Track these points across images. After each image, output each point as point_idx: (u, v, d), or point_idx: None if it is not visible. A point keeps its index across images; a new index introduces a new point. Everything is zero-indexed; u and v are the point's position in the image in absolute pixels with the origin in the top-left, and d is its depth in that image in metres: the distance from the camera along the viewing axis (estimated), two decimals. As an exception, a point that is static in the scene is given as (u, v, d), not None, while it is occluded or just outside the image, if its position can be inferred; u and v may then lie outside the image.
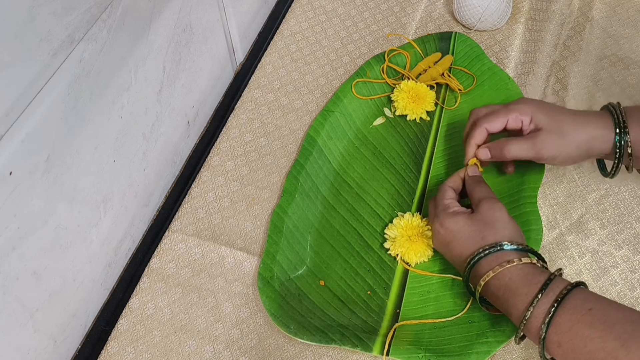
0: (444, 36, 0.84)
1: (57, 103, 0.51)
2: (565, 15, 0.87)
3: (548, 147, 0.62)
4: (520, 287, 0.53)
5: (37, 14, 0.45)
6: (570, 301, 0.50)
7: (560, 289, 0.51)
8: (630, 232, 0.67)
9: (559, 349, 0.50)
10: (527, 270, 0.54)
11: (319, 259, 0.67)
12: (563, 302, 0.50)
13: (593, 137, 0.62)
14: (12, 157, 0.47)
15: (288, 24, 0.88)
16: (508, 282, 0.54)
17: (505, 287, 0.54)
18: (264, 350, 0.61)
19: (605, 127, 0.61)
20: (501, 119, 0.64)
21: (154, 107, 0.67)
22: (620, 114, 0.61)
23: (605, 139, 0.61)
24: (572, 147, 0.62)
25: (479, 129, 0.65)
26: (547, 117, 0.63)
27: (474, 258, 0.56)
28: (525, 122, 0.64)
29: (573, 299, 0.51)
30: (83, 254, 0.60)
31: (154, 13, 0.63)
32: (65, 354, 0.62)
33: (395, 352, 0.59)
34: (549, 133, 0.62)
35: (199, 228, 0.69)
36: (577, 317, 0.49)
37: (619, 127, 0.61)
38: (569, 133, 0.62)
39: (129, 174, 0.66)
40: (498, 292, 0.55)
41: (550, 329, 0.50)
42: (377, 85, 0.80)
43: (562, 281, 0.52)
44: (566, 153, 0.62)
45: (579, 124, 0.62)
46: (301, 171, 0.72)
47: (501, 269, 0.54)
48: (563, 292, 0.51)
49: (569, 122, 0.62)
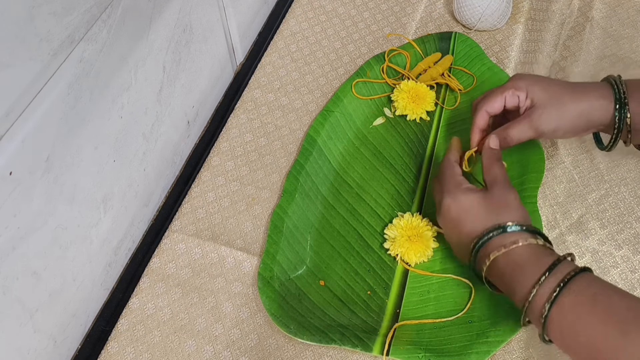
0: (444, 36, 0.84)
1: (57, 103, 0.51)
2: (565, 15, 0.87)
3: (546, 121, 0.62)
4: (529, 266, 0.53)
5: (37, 14, 0.45)
6: (576, 283, 0.50)
7: (567, 271, 0.51)
8: (630, 232, 0.67)
9: (559, 329, 0.50)
10: (538, 250, 0.54)
11: (319, 259, 0.67)
12: (569, 283, 0.50)
13: (592, 108, 0.61)
14: (12, 157, 0.47)
15: (288, 24, 0.88)
16: (517, 259, 0.54)
17: (515, 264, 0.53)
18: (264, 350, 0.61)
19: (604, 97, 0.61)
20: (499, 99, 0.64)
21: (154, 107, 0.67)
22: (621, 86, 0.61)
23: (604, 110, 0.61)
24: (570, 119, 0.61)
25: (479, 113, 0.65)
26: (543, 91, 0.63)
27: (489, 234, 0.55)
28: (522, 98, 0.64)
29: (579, 281, 0.50)
30: (83, 254, 0.60)
31: (154, 13, 0.63)
32: (65, 354, 0.62)
33: (395, 352, 0.59)
34: (545, 107, 0.62)
35: (199, 228, 0.69)
36: (581, 300, 0.49)
37: (619, 99, 0.60)
38: (566, 104, 0.61)
39: (129, 174, 0.66)
40: (506, 269, 0.54)
41: (553, 308, 0.50)
42: (377, 85, 0.80)
43: (570, 264, 0.52)
44: (565, 125, 0.62)
45: (577, 94, 0.62)
46: (301, 171, 0.72)
47: (514, 246, 0.54)
48: (570, 274, 0.50)
49: (566, 93, 0.62)
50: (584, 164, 0.72)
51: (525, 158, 0.70)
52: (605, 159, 0.72)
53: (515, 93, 0.63)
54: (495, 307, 0.61)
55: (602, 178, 0.71)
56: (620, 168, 0.71)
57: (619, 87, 0.61)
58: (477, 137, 0.66)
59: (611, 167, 0.71)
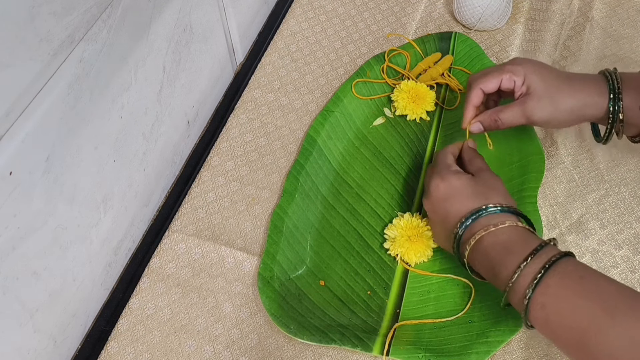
0: (444, 36, 0.84)
1: (57, 103, 0.51)
2: (565, 15, 0.87)
3: (539, 112, 0.62)
4: (514, 247, 0.53)
5: (37, 14, 0.45)
6: (562, 266, 0.50)
7: (553, 254, 0.51)
8: (630, 232, 0.67)
9: (542, 311, 0.49)
10: (524, 233, 0.55)
11: (319, 259, 0.67)
12: (554, 265, 0.50)
13: (586, 104, 0.62)
14: (12, 157, 0.47)
15: (288, 24, 0.88)
16: (503, 239, 0.54)
17: (500, 245, 0.54)
18: (264, 350, 0.61)
19: (599, 94, 0.61)
20: (495, 79, 0.65)
21: (154, 107, 0.67)
22: (616, 80, 0.61)
23: (598, 106, 0.62)
24: (564, 112, 0.62)
25: (474, 90, 0.65)
26: (540, 80, 0.63)
27: (477, 213, 0.56)
28: (518, 84, 0.64)
29: (565, 264, 0.50)
30: (83, 254, 0.60)
31: (154, 13, 0.63)
32: (65, 354, 0.62)
33: (395, 352, 0.59)
34: (540, 98, 0.62)
35: (199, 228, 0.69)
36: (567, 282, 0.49)
37: (613, 93, 0.61)
38: (561, 99, 0.62)
39: (129, 174, 0.66)
40: (490, 250, 0.54)
41: (537, 288, 0.50)
42: (377, 85, 0.80)
43: (554, 248, 0.53)
44: (558, 118, 0.63)
45: (573, 89, 0.62)
46: (301, 171, 0.72)
47: (501, 225, 0.54)
48: (556, 256, 0.51)
49: (562, 87, 0.62)
50: (584, 164, 0.72)
51: (525, 158, 0.70)
52: (606, 159, 0.72)
53: (512, 77, 0.64)
54: (495, 307, 0.61)
55: (602, 178, 0.71)
56: (620, 168, 0.71)
57: (614, 81, 0.61)
58: (471, 114, 0.66)
59: (611, 167, 0.71)
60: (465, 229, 0.57)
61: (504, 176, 0.70)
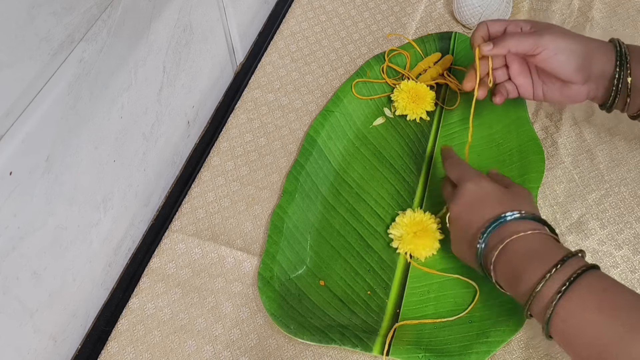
0: (444, 36, 0.84)
1: (57, 103, 0.51)
2: (565, 15, 0.87)
3: (552, 44, 0.62)
4: (541, 255, 0.52)
5: (37, 14, 0.45)
6: (587, 279, 0.50)
7: (579, 266, 0.50)
8: (630, 232, 0.67)
9: (563, 324, 0.49)
10: (550, 242, 0.54)
11: (319, 259, 0.67)
12: (579, 279, 0.49)
13: (596, 56, 0.62)
14: (12, 157, 0.47)
15: (288, 24, 0.88)
16: (531, 247, 0.53)
17: (526, 252, 0.53)
18: (264, 350, 0.61)
19: (608, 53, 0.62)
20: (502, 22, 0.66)
21: (154, 107, 0.67)
22: (624, 47, 0.63)
23: (607, 61, 0.62)
24: (574, 52, 0.62)
25: (481, 25, 0.66)
26: (549, 26, 0.64)
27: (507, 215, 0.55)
28: (525, 29, 0.65)
29: (589, 278, 0.50)
30: (83, 254, 0.60)
31: (154, 13, 0.63)
32: (65, 354, 0.62)
33: (395, 352, 0.59)
34: (554, 34, 0.63)
35: (199, 228, 0.69)
36: (589, 296, 0.49)
37: (620, 58, 0.62)
38: (573, 40, 0.63)
39: (129, 174, 0.66)
40: (515, 257, 0.53)
41: (561, 301, 0.49)
42: (377, 85, 0.80)
43: (580, 260, 0.52)
44: (568, 55, 0.62)
45: (584, 39, 0.63)
46: (301, 171, 0.72)
47: (530, 232, 0.54)
48: (582, 268, 0.50)
49: (574, 35, 0.63)
50: (584, 164, 0.72)
51: (525, 158, 0.70)
52: (606, 159, 0.72)
53: (519, 24, 0.65)
54: (495, 307, 0.61)
55: (602, 178, 0.71)
56: (620, 168, 0.71)
57: (622, 48, 0.62)
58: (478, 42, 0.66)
59: (611, 167, 0.71)
60: (492, 231, 0.56)
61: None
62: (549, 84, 0.66)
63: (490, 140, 0.74)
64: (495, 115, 0.75)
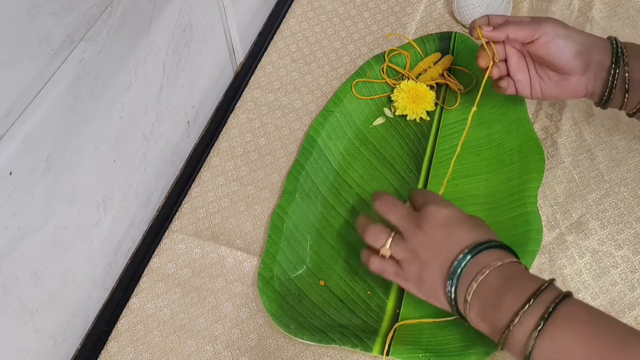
0: (444, 36, 0.84)
1: (57, 103, 0.51)
2: (565, 15, 0.87)
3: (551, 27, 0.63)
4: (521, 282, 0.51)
5: (37, 14, 0.45)
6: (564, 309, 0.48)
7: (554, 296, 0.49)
8: (630, 232, 0.67)
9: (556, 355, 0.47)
10: (522, 270, 0.53)
11: (319, 259, 0.67)
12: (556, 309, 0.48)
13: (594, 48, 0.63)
14: (12, 157, 0.47)
15: (288, 24, 0.88)
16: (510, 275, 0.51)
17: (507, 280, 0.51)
18: (264, 350, 0.61)
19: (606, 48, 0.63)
20: (502, 17, 0.67)
21: (154, 107, 0.67)
22: (620, 44, 0.63)
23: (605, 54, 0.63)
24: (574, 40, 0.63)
25: (482, 17, 0.67)
26: (548, 17, 0.65)
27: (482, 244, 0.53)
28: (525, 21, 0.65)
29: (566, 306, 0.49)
30: (83, 254, 0.60)
31: (154, 13, 0.63)
32: (65, 354, 0.62)
33: (395, 352, 0.59)
34: (555, 24, 0.63)
35: (199, 228, 0.69)
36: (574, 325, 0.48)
37: (616, 54, 0.62)
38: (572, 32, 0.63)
39: (129, 174, 0.66)
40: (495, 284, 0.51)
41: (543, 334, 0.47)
42: (377, 85, 0.80)
43: (555, 290, 0.50)
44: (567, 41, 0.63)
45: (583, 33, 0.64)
46: (301, 171, 0.72)
47: (508, 261, 0.52)
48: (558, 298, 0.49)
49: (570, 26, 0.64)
50: (584, 164, 0.72)
51: (525, 158, 0.70)
52: (606, 159, 0.72)
53: (520, 18, 0.65)
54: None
55: (602, 178, 0.71)
56: (620, 168, 0.71)
57: (618, 43, 0.63)
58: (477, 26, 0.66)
59: (611, 167, 0.71)
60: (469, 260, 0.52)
61: (504, 176, 0.70)
62: (547, 79, 0.66)
63: (490, 140, 0.74)
64: (495, 115, 0.76)
